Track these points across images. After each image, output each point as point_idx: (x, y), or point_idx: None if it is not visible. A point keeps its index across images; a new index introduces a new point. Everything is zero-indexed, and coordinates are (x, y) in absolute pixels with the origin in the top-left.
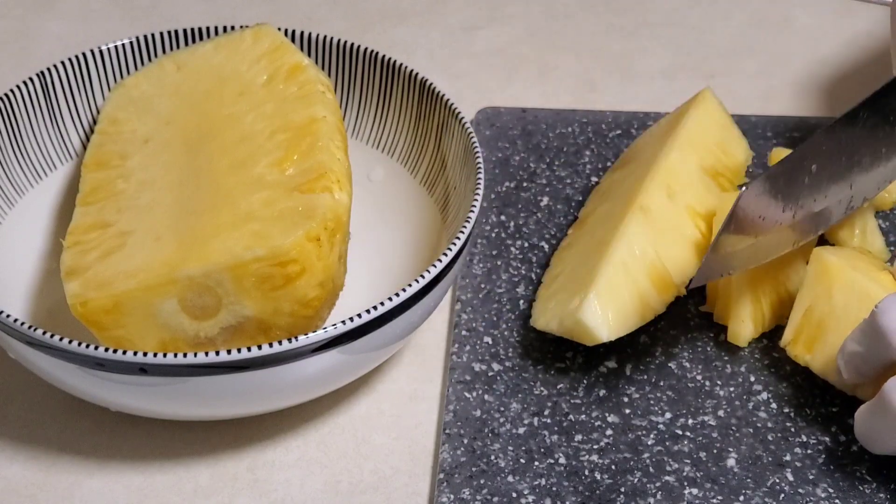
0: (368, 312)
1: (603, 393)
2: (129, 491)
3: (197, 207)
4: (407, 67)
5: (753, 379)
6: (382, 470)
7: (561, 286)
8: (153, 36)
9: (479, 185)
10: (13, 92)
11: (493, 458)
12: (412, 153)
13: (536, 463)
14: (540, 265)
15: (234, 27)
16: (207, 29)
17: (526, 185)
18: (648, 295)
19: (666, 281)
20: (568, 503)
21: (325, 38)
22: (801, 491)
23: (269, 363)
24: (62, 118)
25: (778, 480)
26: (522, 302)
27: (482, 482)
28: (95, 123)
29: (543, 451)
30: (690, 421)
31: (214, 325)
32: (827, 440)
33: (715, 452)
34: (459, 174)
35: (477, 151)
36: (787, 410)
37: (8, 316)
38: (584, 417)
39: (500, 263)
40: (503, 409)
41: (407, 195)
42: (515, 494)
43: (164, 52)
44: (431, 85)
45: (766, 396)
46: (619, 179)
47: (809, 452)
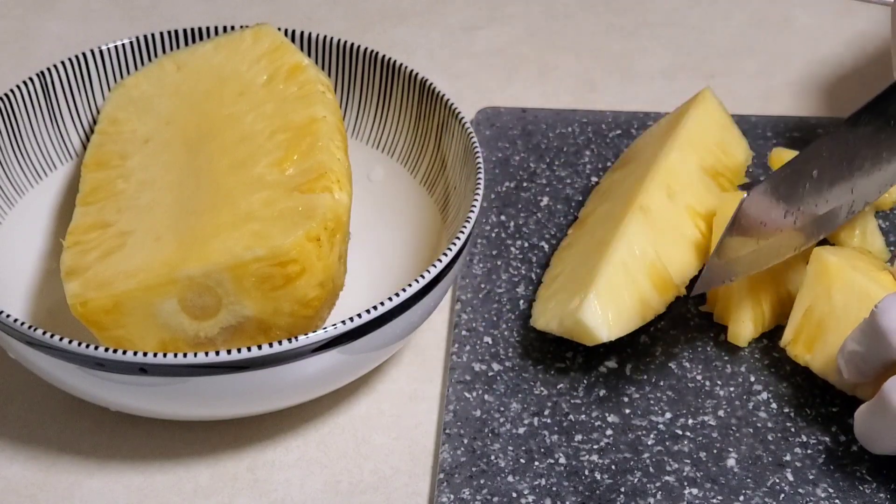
0: (368, 312)
1: (603, 393)
2: (129, 491)
3: (197, 207)
4: (407, 67)
5: (753, 379)
6: (382, 470)
7: (561, 286)
8: (153, 36)
9: (479, 185)
10: (13, 92)
11: (493, 458)
12: (412, 153)
13: (536, 463)
14: (540, 265)
15: (234, 27)
16: (207, 29)
17: (526, 185)
18: (648, 295)
19: (666, 281)
20: (568, 503)
21: (325, 38)
22: (801, 491)
23: (269, 363)
24: (62, 118)
25: (778, 480)
26: (522, 302)
27: (482, 482)
28: (95, 123)
29: (543, 451)
30: (690, 421)
31: (214, 325)
32: (827, 440)
33: (715, 452)
34: (459, 174)
35: (477, 151)
36: (787, 410)
37: (8, 316)
38: (584, 417)
39: (500, 263)
40: (503, 409)
41: (407, 195)
42: (515, 494)
43: (164, 52)
44: (431, 85)
45: (766, 396)
46: (619, 179)
47: (809, 452)
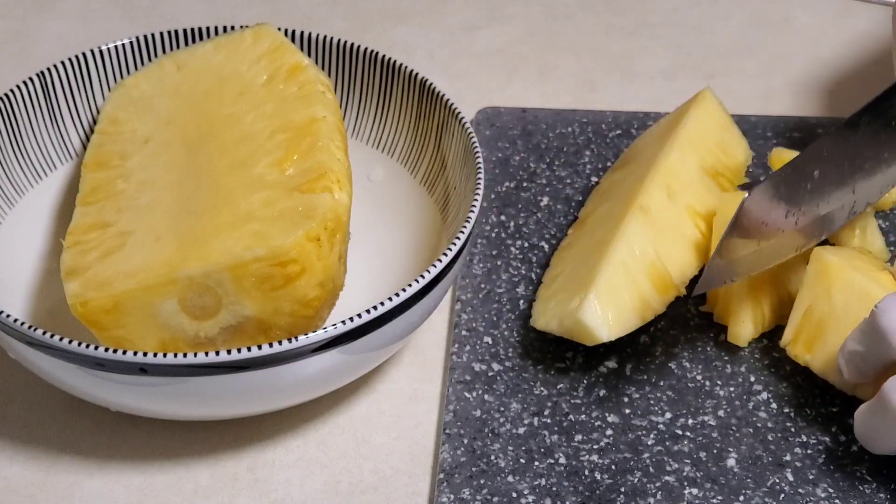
0: (368, 312)
1: (603, 393)
2: (129, 491)
3: (197, 207)
4: (407, 67)
5: (753, 379)
6: (382, 470)
7: (561, 286)
8: (153, 36)
9: (479, 185)
10: (13, 92)
11: (493, 458)
12: (412, 153)
13: (536, 463)
14: (540, 265)
15: (234, 27)
16: (207, 29)
17: (526, 185)
18: (648, 295)
19: (666, 281)
20: (568, 503)
21: (325, 38)
22: (801, 491)
23: (269, 363)
24: (62, 118)
25: (778, 480)
26: (522, 302)
27: (482, 482)
28: (95, 123)
29: (543, 451)
30: (690, 421)
31: (214, 325)
32: (827, 440)
33: (715, 452)
34: (459, 174)
35: (477, 151)
36: (787, 410)
37: (8, 316)
38: (584, 417)
39: (500, 263)
40: (503, 409)
41: (407, 195)
42: (515, 494)
43: (164, 52)
44: (431, 85)
45: (766, 396)
46: (619, 179)
47: (809, 452)
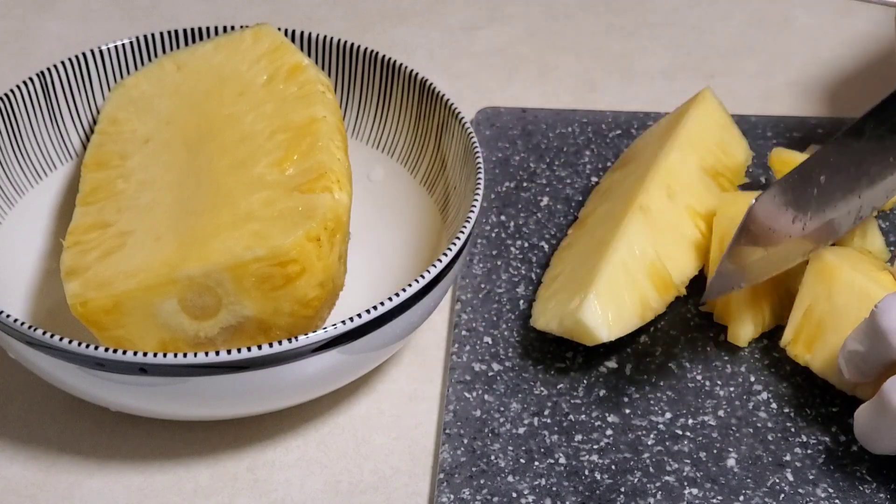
0: (368, 312)
1: (603, 393)
2: (129, 491)
3: (197, 207)
4: (407, 67)
5: (753, 379)
6: (382, 470)
7: (561, 286)
8: (153, 36)
9: (479, 185)
10: (13, 92)
11: (493, 458)
12: (412, 153)
13: (536, 463)
14: (540, 265)
15: (234, 27)
16: (207, 29)
17: (526, 185)
18: (648, 295)
19: (666, 281)
20: (568, 503)
21: (325, 38)
22: (801, 491)
23: (269, 363)
24: (62, 118)
25: (778, 480)
26: (522, 302)
27: (482, 482)
28: (95, 123)
29: (543, 451)
30: (690, 421)
31: (214, 325)
32: (827, 440)
33: (715, 452)
34: (459, 174)
35: (477, 151)
36: (787, 410)
37: (8, 316)
38: (584, 417)
39: (500, 263)
40: (503, 409)
41: (407, 195)
42: (515, 494)
43: (164, 52)
44: (431, 85)
45: (766, 396)
46: (619, 179)
47: (809, 452)
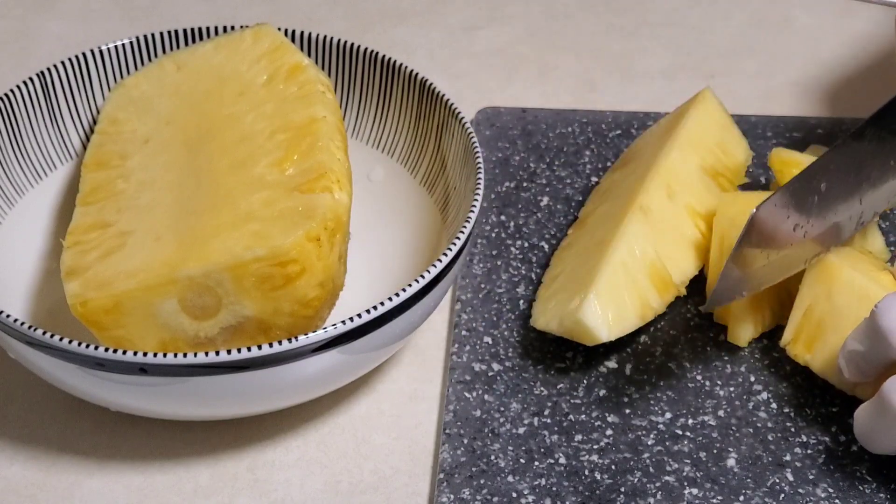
0: (368, 312)
1: (603, 393)
2: (129, 491)
3: (197, 207)
4: (407, 67)
5: (753, 379)
6: (382, 470)
7: (561, 286)
8: (153, 36)
9: (479, 185)
10: (13, 92)
11: (493, 458)
12: (412, 153)
13: (536, 463)
14: (540, 265)
15: (234, 27)
16: (207, 29)
17: (526, 185)
18: (648, 295)
19: (666, 281)
20: (568, 503)
21: (325, 38)
22: (801, 491)
23: (269, 363)
24: (62, 118)
25: (778, 480)
26: (522, 302)
27: (482, 482)
28: (95, 123)
29: (543, 451)
30: (690, 421)
31: (214, 325)
32: (827, 440)
33: (715, 452)
34: (459, 174)
35: (477, 151)
36: (787, 410)
37: (8, 316)
38: (584, 417)
39: (500, 263)
40: (503, 409)
41: (407, 195)
42: (515, 494)
43: (164, 52)
44: (431, 85)
45: (766, 396)
46: (619, 179)
47: (809, 452)
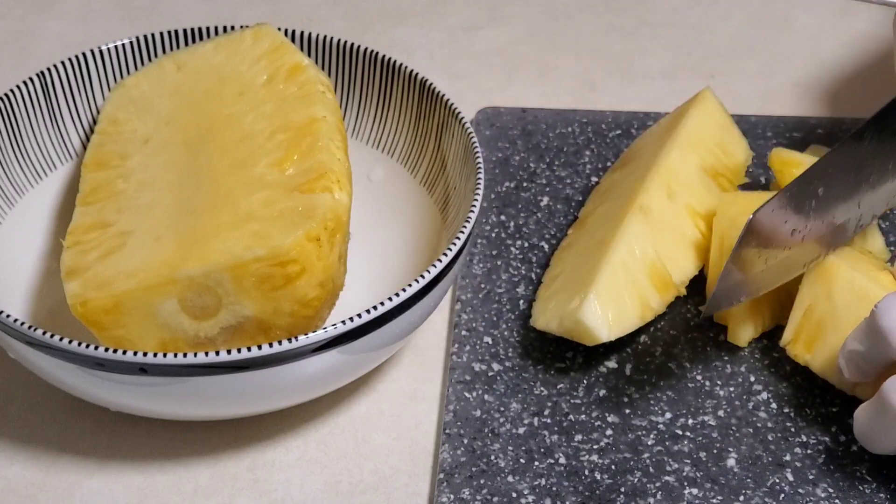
0: (368, 312)
1: (603, 393)
2: (129, 491)
3: (197, 207)
4: (407, 67)
5: (753, 379)
6: (382, 470)
7: (561, 286)
8: (153, 36)
9: (479, 185)
10: (13, 92)
11: (493, 458)
12: (412, 153)
13: (536, 463)
14: (540, 265)
15: (234, 27)
16: (207, 29)
17: (526, 185)
18: (648, 295)
19: (666, 281)
20: (568, 503)
21: (325, 38)
22: (801, 491)
23: (269, 363)
24: (62, 118)
25: (778, 480)
26: (522, 302)
27: (482, 482)
28: (95, 123)
29: (543, 451)
30: (690, 421)
31: (214, 325)
32: (827, 440)
33: (715, 452)
34: (459, 174)
35: (477, 151)
36: (787, 410)
37: (8, 316)
38: (584, 417)
39: (500, 263)
40: (503, 409)
41: (407, 195)
42: (515, 494)
43: (164, 52)
44: (431, 85)
45: (766, 396)
46: (619, 179)
47: (809, 452)
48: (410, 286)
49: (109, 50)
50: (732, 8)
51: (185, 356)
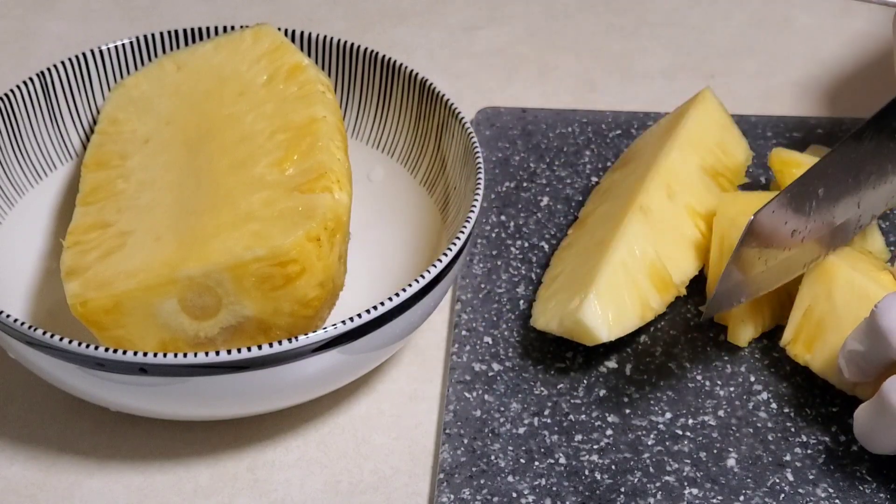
0: (368, 312)
1: (603, 393)
2: (129, 491)
3: (197, 207)
4: (407, 67)
5: (753, 379)
6: (382, 470)
7: (561, 286)
8: (153, 36)
9: (479, 185)
10: (13, 92)
11: (493, 458)
12: (412, 153)
13: (536, 463)
14: (540, 265)
15: (234, 27)
16: (207, 29)
17: (526, 185)
18: (648, 295)
19: (666, 281)
20: (568, 503)
21: (325, 38)
22: (801, 491)
23: (269, 363)
24: (62, 118)
25: (778, 480)
26: (522, 302)
27: (482, 482)
28: (95, 123)
29: (543, 451)
30: (690, 421)
31: (214, 325)
32: (827, 440)
33: (715, 452)
34: (459, 174)
35: (477, 151)
36: (787, 410)
37: (8, 316)
38: (584, 417)
39: (500, 263)
40: (503, 409)
41: (407, 195)
42: (515, 494)
43: (164, 52)
44: (431, 85)
45: (766, 396)
46: (619, 179)
47: (809, 452)
48: (410, 286)
49: (109, 50)
50: (732, 8)
51: (185, 356)
